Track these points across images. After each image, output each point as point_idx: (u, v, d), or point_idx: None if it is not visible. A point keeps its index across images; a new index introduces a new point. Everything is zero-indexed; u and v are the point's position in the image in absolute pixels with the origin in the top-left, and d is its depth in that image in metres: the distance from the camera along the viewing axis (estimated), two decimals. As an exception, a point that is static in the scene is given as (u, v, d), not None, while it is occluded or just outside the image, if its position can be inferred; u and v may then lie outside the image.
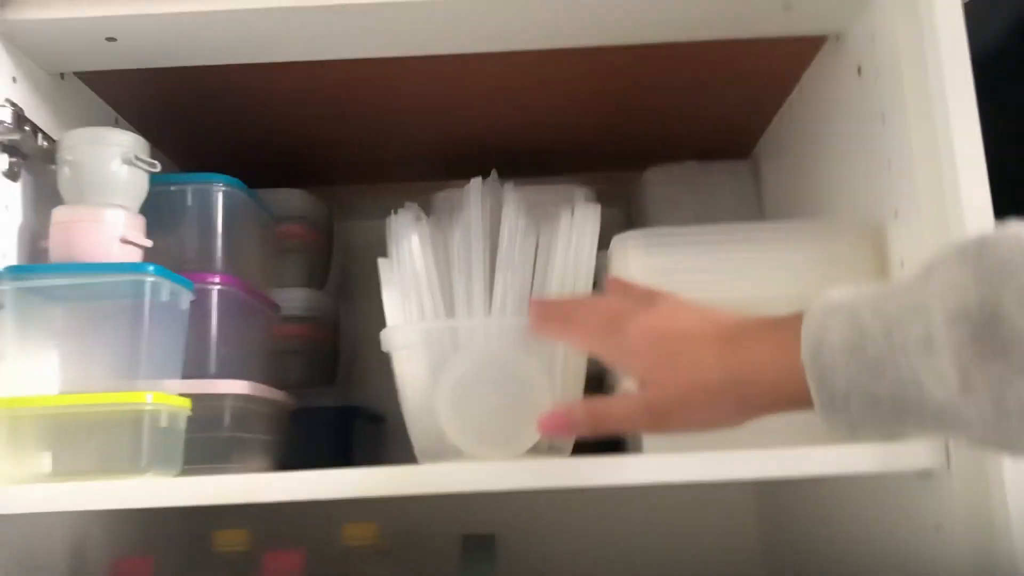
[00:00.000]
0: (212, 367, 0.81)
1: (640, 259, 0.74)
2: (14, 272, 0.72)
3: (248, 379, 0.86)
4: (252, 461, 0.85)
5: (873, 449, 0.65)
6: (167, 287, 0.73)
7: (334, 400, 1.04)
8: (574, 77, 0.94)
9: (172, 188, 0.83)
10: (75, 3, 0.74)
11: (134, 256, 0.75)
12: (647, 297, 0.64)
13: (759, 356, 0.55)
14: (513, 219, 0.82)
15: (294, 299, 1.04)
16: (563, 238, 0.81)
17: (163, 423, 0.71)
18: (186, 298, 0.76)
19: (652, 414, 0.59)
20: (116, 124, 0.94)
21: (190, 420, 0.76)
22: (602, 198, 1.12)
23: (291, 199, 1.06)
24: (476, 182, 0.84)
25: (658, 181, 1.09)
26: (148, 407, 0.69)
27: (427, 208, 0.94)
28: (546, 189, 0.92)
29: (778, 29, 0.81)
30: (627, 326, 0.61)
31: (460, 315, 0.78)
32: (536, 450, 0.76)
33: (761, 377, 0.55)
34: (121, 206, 0.75)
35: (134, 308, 0.71)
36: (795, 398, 0.53)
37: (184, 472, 0.74)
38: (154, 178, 0.79)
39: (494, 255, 0.81)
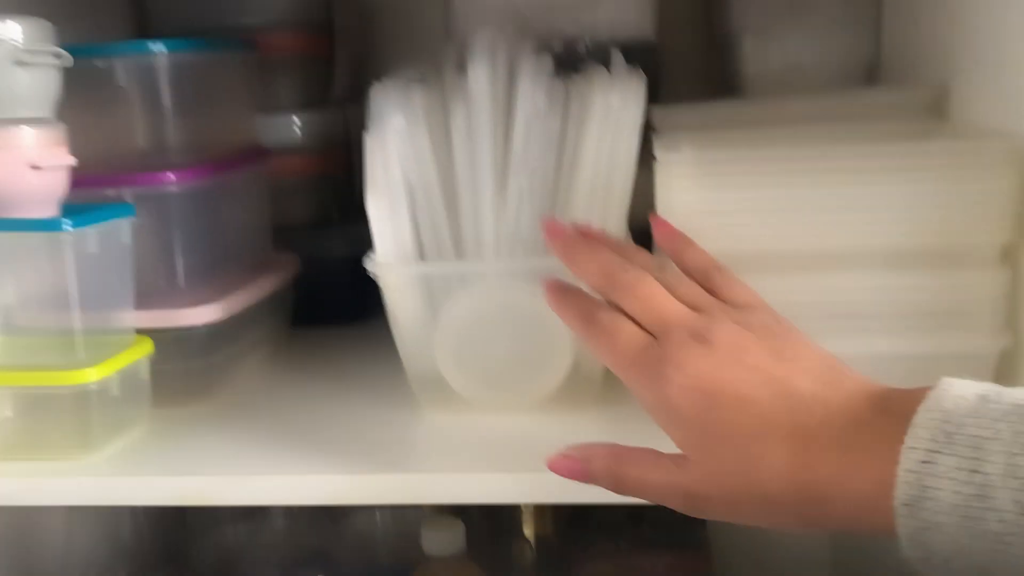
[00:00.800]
0: (180, 280, 0.69)
1: (689, 194, 0.56)
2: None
3: (232, 271, 0.75)
4: (244, 365, 0.76)
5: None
6: (93, 236, 0.59)
7: (350, 238, 0.91)
8: None
9: (97, 64, 0.65)
10: None
11: (55, 179, 0.60)
12: (707, 307, 0.47)
13: (840, 471, 0.40)
14: (529, 97, 0.63)
15: (286, 127, 0.88)
16: (596, 124, 0.62)
17: (114, 391, 0.61)
18: (125, 229, 0.62)
19: (689, 500, 0.44)
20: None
21: (159, 350, 0.66)
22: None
23: (266, 1, 0.85)
24: (483, 40, 0.64)
25: None
26: (94, 386, 0.59)
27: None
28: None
29: None
30: (669, 371, 0.44)
31: (465, 233, 0.63)
32: (555, 401, 0.64)
33: (837, 503, 0.40)
34: (27, 120, 0.59)
35: (59, 262, 0.58)
36: (878, 530, 0.39)
37: (156, 408, 0.66)
38: (74, 51, 0.62)
39: (508, 135, 0.64)
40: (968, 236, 0.54)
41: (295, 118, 0.88)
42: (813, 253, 0.56)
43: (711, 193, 0.56)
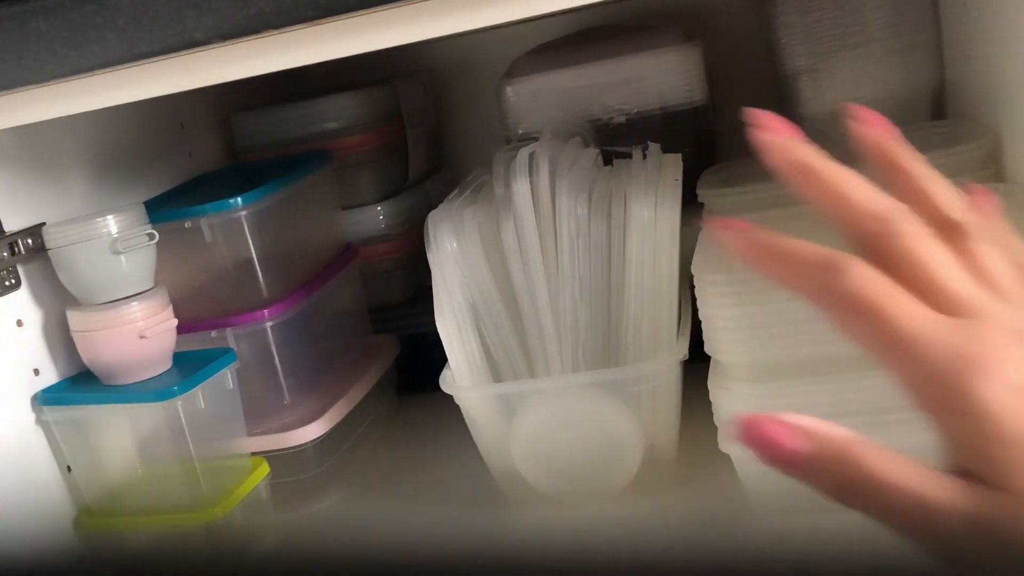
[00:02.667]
0: (286, 399, 0.77)
1: (727, 311, 0.58)
2: (49, 402, 0.68)
3: (336, 369, 0.82)
4: (356, 454, 0.83)
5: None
6: (200, 394, 0.67)
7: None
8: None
9: (187, 225, 0.72)
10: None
11: (163, 341, 0.69)
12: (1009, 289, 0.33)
13: None
14: (571, 212, 0.66)
15: (370, 219, 0.93)
16: (636, 233, 0.65)
17: (239, 518, 0.70)
18: (229, 376, 0.70)
19: (979, 537, 0.30)
20: None
21: (273, 468, 0.74)
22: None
23: (343, 107, 0.91)
24: (523, 157, 0.68)
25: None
26: (219, 523, 0.68)
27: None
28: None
29: None
30: (989, 367, 0.30)
31: (531, 341, 0.67)
32: (633, 488, 0.68)
33: None
34: (132, 297, 0.67)
35: (173, 420, 0.66)
36: None
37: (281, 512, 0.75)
38: (160, 216, 0.70)
39: (555, 236, 0.67)
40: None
41: (378, 208, 0.94)
42: (849, 354, 0.57)
43: (749, 309, 0.58)
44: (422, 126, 0.99)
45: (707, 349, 0.61)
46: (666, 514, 0.66)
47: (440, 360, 0.96)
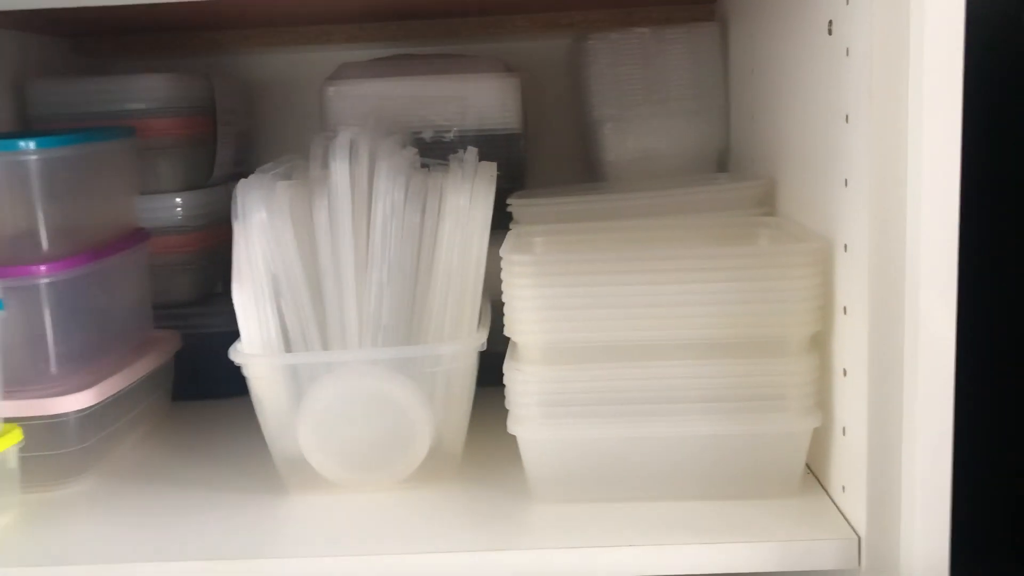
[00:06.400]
0: (53, 367, 0.71)
1: (530, 291, 0.60)
2: None
3: (110, 353, 0.77)
4: (120, 444, 0.77)
5: (782, 548, 0.57)
6: (-42, 333, 0.61)
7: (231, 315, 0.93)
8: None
9: (-33, 161, 0.67)
10: None
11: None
12: None
13: None
14: (387, 194, 0.67)
15: (167, 208, 0.90)
16: (449, 221, 0.67)
17: (-19, 483, 0.63)
18: (-7, 322, 0.64)
19: None
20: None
21: (31, 438, 0.68)
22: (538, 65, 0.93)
23: (150, 87, 0.88)
24: (343, 139, 0.68)
25: (602, 51, 0.89)
26: (-45, 479, 0.61)
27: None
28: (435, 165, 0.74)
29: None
30: None
31: (329, 322, 0.67)
32: (417, 478, 0.68)
33: None
34: None
35: (-77, 360, 0.60)
36: None
37: (27, 492, 0.68)
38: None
39: (368, 219, 0.68)
40: (780, 328, 0.60)
41: (177, 198, 0.90)
42: (639, 343, 0.61)
43: (548, 290, 0.60)
44: (233, 127, 0.98)
45: (506, 331, 0.63)
46: (447, 507, 0.66)
47: (221, 367, 0.93)
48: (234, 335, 0.92)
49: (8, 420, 0.67)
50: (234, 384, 0.92)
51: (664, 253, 0.60)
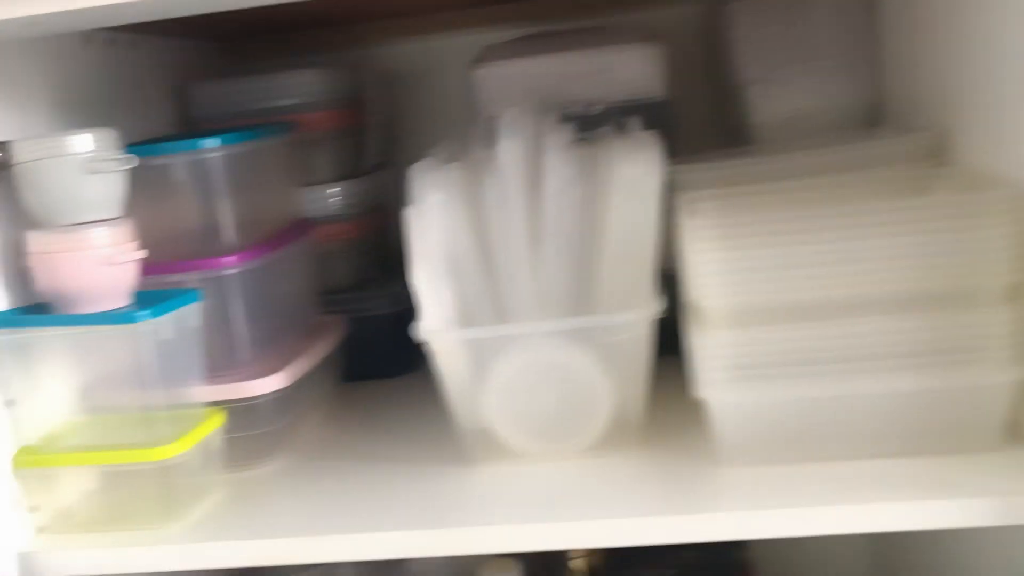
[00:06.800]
0: (245, 352, 0.75)
1: (713, 254, 0.61)
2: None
3: (289, 339, 0.81)
4: (305, 425, 0.81)
5: (991, 503, 0.56)
6: (167, 323, 0.64)
7: (390, 297, 0.96)
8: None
9: (156, 163, 0.71)
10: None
11: (127, 273, 0.66)
12: None
13: None
14: (557, 170, 0.68)
15: (325, 200, 0.93)
16: (619, 192, 0.67)
17: (193, 463, 0.66)
18: (194, 313, 0.68)
19: None
20: None
21: (230, 420, 0.71)
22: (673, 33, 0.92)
23: (303, 83, 0.91)
24: (508, 119, 0.70)
25: (745, 13, 0.88)
26: (175, 460, 0.64)
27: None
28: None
29: None
30: None
31: (504, 297, 0.68)
32: (599, 446, 0.69)
33: None
34: (99, 221, 0.65)
35: (137, 350, 0.64)
36: None
37: (227, 472, 0.72)
38: (134, 150, 0.68)
39: (538, 204, 0.69)
40: (973, 279, 0.59)
41: (333, 188, 0.93)
42: (830, 302, 0.60)
43: (733, 253, 0.60)
44: (379, 117, 1.00)
45: (689, 296, 0.63)
46: (630, 474, 0.67)
47: (382, 349, 0.96)
48: (393, 318, 0.96)
49: (209, 404, 0.71)
50: (395, 365, 0.96)
51: (852, 208, 0.60)
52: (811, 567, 1.11)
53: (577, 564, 0.97)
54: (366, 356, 0.93)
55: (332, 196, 0.93)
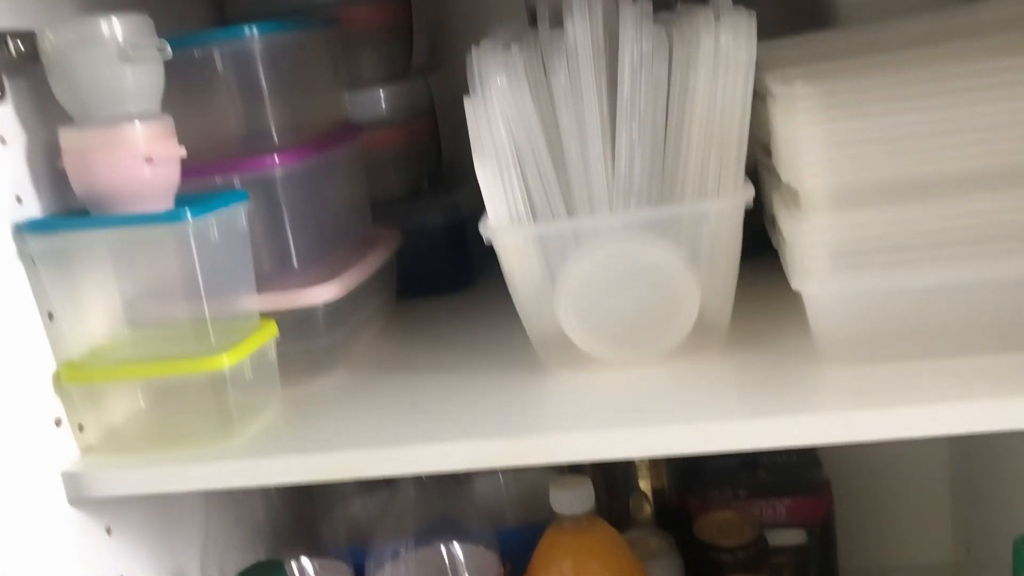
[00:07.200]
0: (295, 261, 0.70)
1: (815, 127, 0.54)
2: (36, 229, 0.59)
3: (341, 249, 0.76)
4: (361, 339, 0.76)
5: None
6: (213, 224, 0.59)
7: (444, 208, 0.90)
8: None
9: (196, 53, 0.65)
10: None
11: (169, 171, 0.61)
12: None
13: None
14: (634, 43, 0.61)
15: (372, 102, 0.87)
16: (706, 66, 0.61)
17: (247, 375, 0.62)
18: (241, 215, 0.63)
19: None
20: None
21: (283, 331, 0.67)
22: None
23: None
24: (579, -8, 0.63)
25: None
26: (228, 372, 0.60)
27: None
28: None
29: None
30: None
31: (576, 189, 0.62)
32: (683, 351, 0.63)
33: None
34: (137, 115, 0.59)
35: (183, 253, 0.59)
36: None
37: (284, 388, 0.67)
38: (172, 42, 0.62)
39: (614, 86, 0.63)
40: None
41: (381, 92, 0.87)
42: (948, 177, 0.54)
43: (838, 124, 0.54)
44: (426, 14, 0.94)
45: (784, 176, 0.57)
46: (714, 381, 0.62)
47: (439, 263, 0.91)
48: (447, 230, 0.90)
49: (262, 315, 0.67)
50: (452, 280, 0.91)
51: (970, 67, 0.52)
52: (889, 483, 1.06)
53: (644, 485, 0.93)
54: (421, 271, 0.88)
55: (380, 99, 0.87)
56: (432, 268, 0.89)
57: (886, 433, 0.52)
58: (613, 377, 0.64)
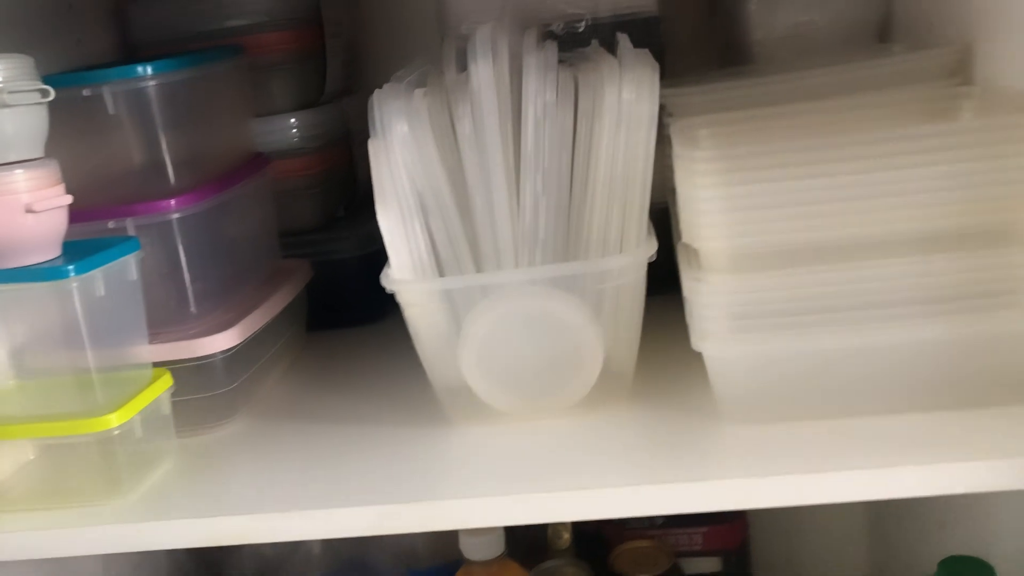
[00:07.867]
0: (193, 306, 0.67)
1: (715, 190, 0.53)
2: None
3: (245, 287, 0.73)
4: (266, 381, 0.74)
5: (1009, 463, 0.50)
6: (99, 278, 0.57)
7: (358, 236, 0.88)
8: None
9: (85, 92, 0.62)
10: None
11: (53, 220, 0.58)
12: None
13: None
14: (538, 95, 0.60)
15: (283, 131, 0.84)
16: (610, 119, 0.60)
17: (138, 432, 0.60)
18: (132, 265, 0.60)
19: None
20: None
21: (179, 381, 0.65)
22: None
23: (253, 1, 0.81)
24: (482, 36, 0.61)
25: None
26: (116, 431, 0.58)
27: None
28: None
29: None
30: None
31: (482, 240, 0.61)
32: (587, 403, 0.63)
33: None
34: (18, 163, 0.57)
35: (67, 309, 0.56)
36: None
37: (181, 437, 0.65)
38: (53, 81, 0.59)
39: (518, 134, 0.61)
40: (1009, 213, 0.52)
41: (292, 119, 0.85)
42: (847, 241, 0.53)
43: (737, 188, 0.53)
44: (341, 38, 0.91)
45: (685, 237, 0.56)
46: (620, 433, 0.61)
47: (351, 294, 0.89)
48: (362, 260, 0.88)
49: (156, 366, 0.64)
50: (366, 311, 0.89)
51: (870, 135, 0.52)
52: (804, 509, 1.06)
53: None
54: (333, 303, 0.86)
55: (290, 127, 0.85)
56: (345, 299, 0.87)
57: (783, 501, 0.52)
58: (518, 430, 0.63)
